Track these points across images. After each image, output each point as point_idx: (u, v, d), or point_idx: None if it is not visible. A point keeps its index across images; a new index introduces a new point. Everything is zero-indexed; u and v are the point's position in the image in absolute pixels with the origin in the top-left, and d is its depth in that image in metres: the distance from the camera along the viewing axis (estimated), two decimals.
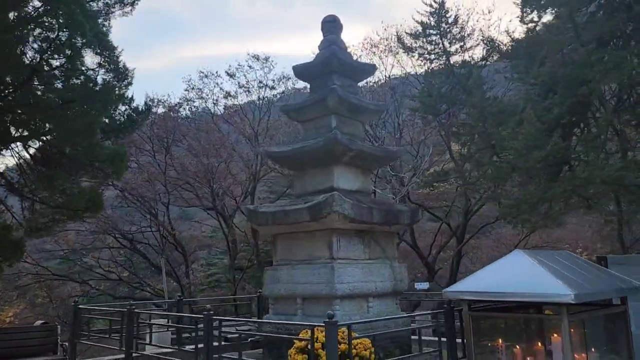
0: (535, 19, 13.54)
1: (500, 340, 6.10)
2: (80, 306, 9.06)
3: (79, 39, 8.47)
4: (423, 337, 6.89)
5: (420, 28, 16.29)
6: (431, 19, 14.87)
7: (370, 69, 9.80)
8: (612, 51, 11.80)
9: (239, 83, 25.82)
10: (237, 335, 10.83)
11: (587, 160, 12.40)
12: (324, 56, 8.85)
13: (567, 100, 12.49)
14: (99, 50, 9.00)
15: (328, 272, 7.76)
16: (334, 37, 9.16)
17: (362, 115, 9.29)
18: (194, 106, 26.55)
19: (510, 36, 15.74)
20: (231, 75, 25.15)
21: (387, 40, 20.74)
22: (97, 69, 8.68)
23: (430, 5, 14.02)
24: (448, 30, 17.46)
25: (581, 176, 11.36)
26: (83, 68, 8.87)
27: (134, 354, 7.94)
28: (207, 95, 26.73)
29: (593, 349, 5.91)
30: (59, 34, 8.48)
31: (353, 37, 71.31)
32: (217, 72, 28.37)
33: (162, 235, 23.65)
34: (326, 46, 9.12)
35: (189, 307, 14.62)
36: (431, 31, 17.34)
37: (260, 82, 28.00)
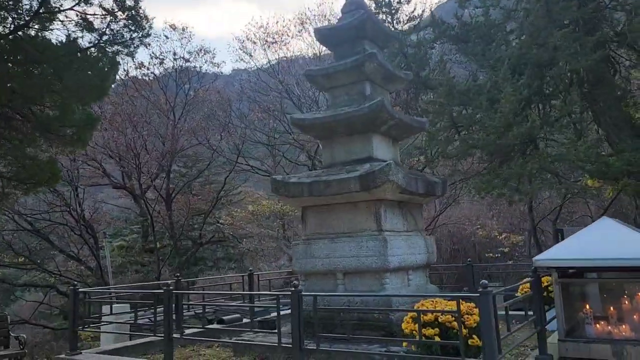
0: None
1: (587, 306, 6.27)
2: (80, 290, 7.83)
3: None
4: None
5: (373, 5, 16.25)
6: None
7: (397, 35, 9.53)
8: (583, 36, 12.65)
9: (153, 53, 24.10)
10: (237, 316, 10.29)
11: (554, 139, 13.28)
12: (358, 20, 8.39)
13: (534, 82, 13.22)
14: None
15: (379, 244, 7.43)
16: (361, 0, 8.74)
17: (392, 84, 9.00)
18: None
19: (458, 19, 16.32)
20: (145, 45, 23.24)
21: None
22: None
23: None
24: (399, 9, 17.62)
25: (553, 154, 12.12)
26: None
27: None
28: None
29: None
30: None
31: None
32: None
33: (75, 218, 21.42)
34: (353, 9, 8.66)
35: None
36: (384, 9, 17.39)
37: (175, 53, 26.45)
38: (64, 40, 7.84)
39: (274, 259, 28.27)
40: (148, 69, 24.53)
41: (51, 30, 7.54)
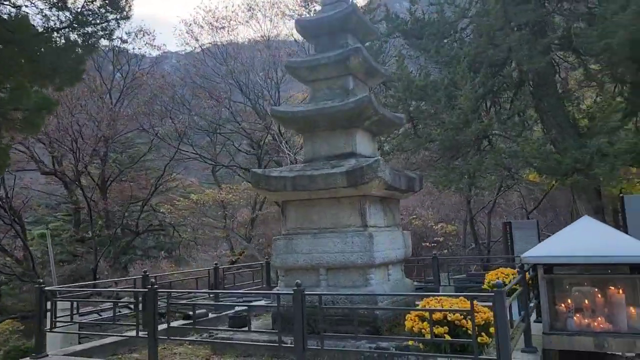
0: None
1: (569, 300, 6.60)
2: (46, 288, 7.29)
3: None
4: None
5: None
6: None
7: (376, 31, 9.50)
8: (538, 38, 13.22)
9: None
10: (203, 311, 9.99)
11: (507, 136, 13.83)
12: (343, 13, 8.29)
13: (489, 80, 13.70)
14: None
15: (364, 240, 7.45)
16: None
17: (373, 79, 9.00)
18: None
19: (411, 15, 16.60)
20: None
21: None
22: None
23: None
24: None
25: (507, 151, 12.64)
26: None
27: None
28: None
29: None
30: None
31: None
32: None
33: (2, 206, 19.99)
34: (335, 1, 8.57)
35: None
36: None
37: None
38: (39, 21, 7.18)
39: (213, 249, 27.79)
40: None
41: (24, 7, 6.84)
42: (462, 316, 5.13)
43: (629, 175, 15.12)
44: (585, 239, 6.23)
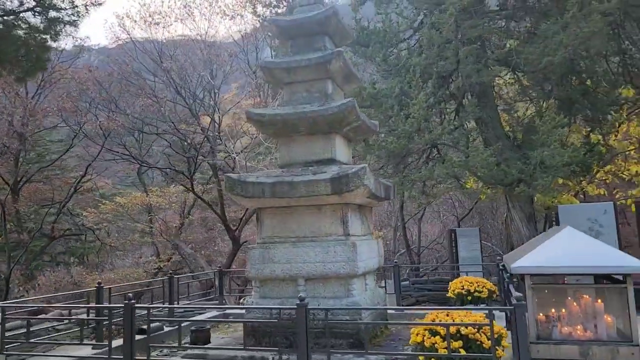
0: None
1: (553, 310, 6.76)
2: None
3: None
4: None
5: None
6: None
7: (352, 36, 9.33)
8: (487, 52, 13.69)
9: None
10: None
11: (454, 146, 14.17)
12: (324, 15, 8.06)
13: (438, 91, 14.02)
14: None
15: (347, 249, 7.25)
16: None
17: (348, 84, 8.82)
18: None
19: (357, 22, 16.71)
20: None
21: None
22: None
23: None
24: None
25: (457, 161, 12.97)
26: None
27: None
28: None
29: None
30: None
31: None
32: None
33: None
34: (312, 2, 8.33)
35: None
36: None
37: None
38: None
39: (138, 255, 26.41)
40: None
41: None
42: (476, 329, 5.06)
43: (557, 186, 16.01)
44: (571, 249, 6.41)
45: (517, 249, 8.86)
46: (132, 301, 5.95)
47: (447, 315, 5.37)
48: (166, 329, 9.45)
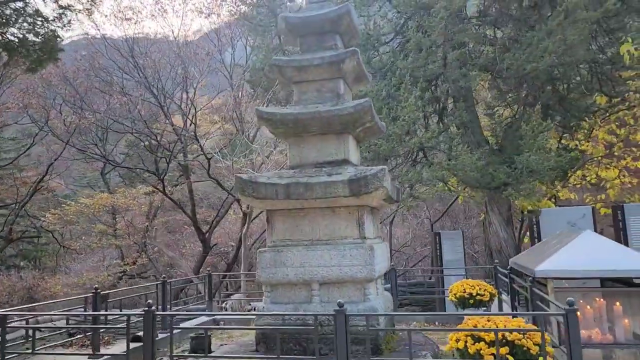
0: None
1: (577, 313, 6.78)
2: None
3: None
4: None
5: None
6: None
7: (360, 35, 9.16)
8: (474, 57, 13.83)
9: None
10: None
11: (440, 149, 14.24)
12: (337, 13, 7.87)
13: (425, 94, 14.08)
14: None
15: (365, 252, 7.09)
16: None
17: (358, 84, 8.66)
18: None
19: None
20: None
21: None
22: None
23: None
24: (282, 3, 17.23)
25: (446, 164, 13.04)
26: None
27: None
28: None
29: None
30: None
31: None
32: None
33: None
34: (322, 0, 8.15)
35: None
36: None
37: None
38: None
39: (99, 257, 25.36)
40: None
41: None
42: (522, 335, 4.98)
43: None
44: (596, 252, 6.46)
45: (525, 253, 8.93)
46: (153, 307, 5.58)
47: (488, 320, 5.27)
48: (160, 335, 9.03)
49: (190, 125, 18.91)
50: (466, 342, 5.13)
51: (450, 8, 12.79)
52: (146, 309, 5.55)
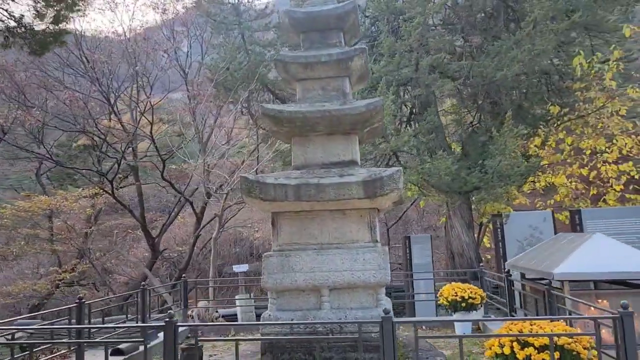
0: None
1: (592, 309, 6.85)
2: None
3: None
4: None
5: None
6: None
7: (360, 34, 8.91)
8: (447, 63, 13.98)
9: None
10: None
11: (412, 153, 14.28)
12: (343, 9, 7.62)
13: (398, 99, 14.10)
14: None
15: (378, 256, 6.87)
16: None
17: (359, 84, 8.42)
18: None
19: None
20: None
21: None
22: None
23: None
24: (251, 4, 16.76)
25: (421, 168, 13.10)
26: None
27: None
28: None
29: None
30: None
31: None
32: None
33: None
34: None
35: None
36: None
37: None
38: None
39: (34, 265, 23.58)
40: None
41: None
42: (571, 339, 4.92)
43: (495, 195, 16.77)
44: (608, 255, 6.57)
45: (522, 255, 9.00)
46: (175, 319, 5.07)
47: (532, 324, 5.18)
48: (141, 347, 8.38)
49: (140, 122, 17.95)
50: (512, 347, 5.00)
51: (425, 14, 12.88)
52: (167, 319, 5.02)
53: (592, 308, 5.66)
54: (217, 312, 12.99)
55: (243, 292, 13.97)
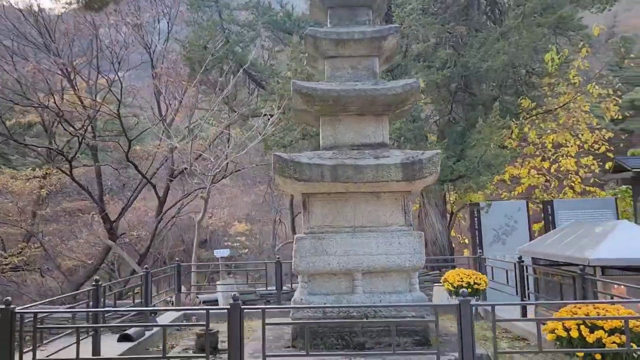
0: None
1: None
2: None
3: None
4: None
5: None
6: None
7: (384, 13, 8.65)
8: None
9: None
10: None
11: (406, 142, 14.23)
12: None
13: None
14: None
15: (413, 240, 6.75)
16: None
17: (386, 65, 8.18)
18: None
19: (282, 7, 16.15)
20: None
21: None
22: None
23: None
24: None
25: None
26: None
27: None
28: None
29: None
30: None
31: None
32: None
33: None
34: None
35: None
36: None
37: None
38: None
39: None
40: None
41: None
42: None
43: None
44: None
45: (535, 242, 9.12)
46: (239, 301, 4.71)
47: (595, 308, 5.19)
48: (147, 333, 7.90)
49: (104, 100, 16.93)
50: (580, 330, 5.00)
51: (422, 1, 12.83)
52: (232, 301, 4.65)
53: None
54: (197, 297, 12.52)
55: (224, 277, 13.52)
